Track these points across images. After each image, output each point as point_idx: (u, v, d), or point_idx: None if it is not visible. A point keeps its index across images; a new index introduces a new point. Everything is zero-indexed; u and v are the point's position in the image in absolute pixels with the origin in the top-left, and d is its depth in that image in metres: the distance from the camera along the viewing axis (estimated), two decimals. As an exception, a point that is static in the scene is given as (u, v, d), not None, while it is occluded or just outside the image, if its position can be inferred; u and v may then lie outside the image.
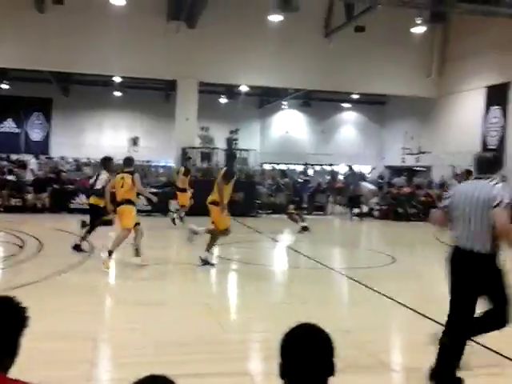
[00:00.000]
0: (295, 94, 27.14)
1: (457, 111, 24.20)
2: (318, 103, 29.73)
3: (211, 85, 23.06)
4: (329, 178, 25.40)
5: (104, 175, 9.46)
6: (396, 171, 28.46)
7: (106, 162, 9.73)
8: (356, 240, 14.34)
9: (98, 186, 9.43)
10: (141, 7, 18.57)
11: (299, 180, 16.47)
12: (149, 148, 27.26)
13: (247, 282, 8.05)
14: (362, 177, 21.30)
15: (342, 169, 27.48)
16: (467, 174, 13.23)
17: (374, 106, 29.82)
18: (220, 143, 20.97)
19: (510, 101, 21.40)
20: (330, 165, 28.69)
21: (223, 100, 28.51)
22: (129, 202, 8.38)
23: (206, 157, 19.44)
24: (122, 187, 8.39)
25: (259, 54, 20.25)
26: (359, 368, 4.41)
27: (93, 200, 9.58)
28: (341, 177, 25.02)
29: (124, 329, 5.43)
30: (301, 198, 14.24)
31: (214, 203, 8.40)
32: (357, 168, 22.69)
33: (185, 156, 17.39)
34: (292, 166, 26.97)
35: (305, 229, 13.41)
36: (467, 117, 23.65)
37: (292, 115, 31.30)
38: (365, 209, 18.55)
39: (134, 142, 25.23)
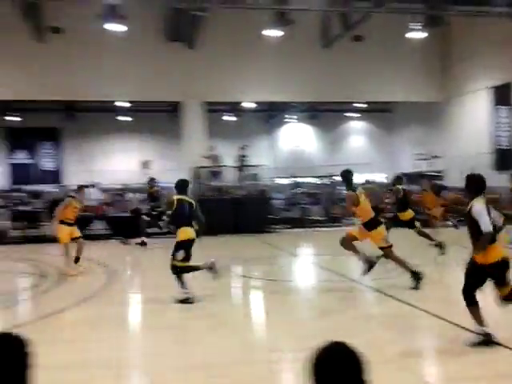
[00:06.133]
0: (300, 107, 27.13)
1: (464, 113, 24.09)
2: (325, 114, 29.62)
3: (216, 103, 23.14)
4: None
5: None
6: (410, 178, 28.18)
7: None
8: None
9: None
10: (140, 31, 18.72)
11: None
12: (161, 170, 27.23)
13: (270, 298, 8.02)
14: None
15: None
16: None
17: (381, 113, 29.69)
18: (228, 161, 20.92)
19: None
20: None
21: (229, 117, 28.49)
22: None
23: (215, 175, 19.63)
24: None
25: (260, 70, 20.37)
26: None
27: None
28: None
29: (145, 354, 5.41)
30: None
31: None
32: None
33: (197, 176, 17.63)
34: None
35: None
36: (475, 118, 23.52)
37: (300, 128, 31.19)
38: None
39: (146, 165, 25.16)
